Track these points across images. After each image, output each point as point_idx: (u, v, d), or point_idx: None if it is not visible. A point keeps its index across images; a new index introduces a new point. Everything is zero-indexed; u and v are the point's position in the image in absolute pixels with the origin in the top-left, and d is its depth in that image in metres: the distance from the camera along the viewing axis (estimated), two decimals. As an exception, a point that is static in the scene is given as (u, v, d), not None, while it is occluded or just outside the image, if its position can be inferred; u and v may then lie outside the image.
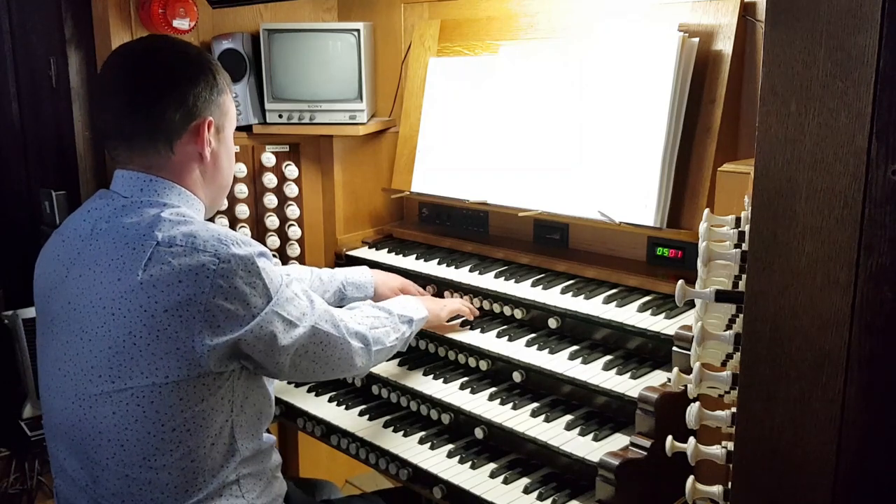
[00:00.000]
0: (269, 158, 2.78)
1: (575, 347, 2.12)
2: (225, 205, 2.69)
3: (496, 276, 2.37)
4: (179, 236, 1.54)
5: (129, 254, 1.53)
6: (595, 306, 2.12)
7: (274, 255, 2.18)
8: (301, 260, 2.85)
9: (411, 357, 2.34)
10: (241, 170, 2.74)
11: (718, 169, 1.87)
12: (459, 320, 2.33)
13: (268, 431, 1.80)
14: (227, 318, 1.53)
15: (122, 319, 1.51)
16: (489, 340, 2.22)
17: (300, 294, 1.70)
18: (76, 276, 1.59)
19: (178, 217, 1.59)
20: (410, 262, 2.57)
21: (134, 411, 1.53)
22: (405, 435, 2.16)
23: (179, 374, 1.52)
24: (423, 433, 2.15)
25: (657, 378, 1.93)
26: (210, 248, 1.53)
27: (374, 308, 2.06)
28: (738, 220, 1.52)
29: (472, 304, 2.36)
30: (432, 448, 2.09)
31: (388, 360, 2.19)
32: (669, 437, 1.37)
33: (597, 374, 1.98)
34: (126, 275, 1.52)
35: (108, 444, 1.56)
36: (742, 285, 1.16)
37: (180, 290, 1.50)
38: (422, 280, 2.48)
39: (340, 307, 2.03)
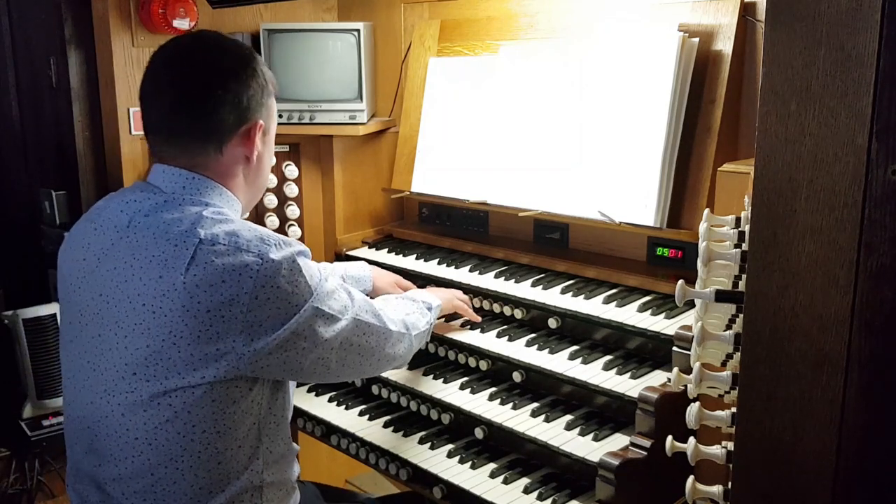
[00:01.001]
0: (269, 158, 2.78)
1: (575, 347, 2.12)
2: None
3: (496, 276, 2.37)
4: (222, 235, 1.52)
5: (171, 251, 1.51)
6: (595, 306, 2.12)
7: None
8: (301, 260, 2.85)
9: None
10: (242, 170, 2.74)
11: (718, 169, 1.87)
12: (460, 320, 2.33)
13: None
14: (270, 317, 1.52)
15: (163, 318, 1.49)
16: (489, 340, 2.22)
17: (339, 288, 1.70)
18: (109, 269, 1.57)
19: (220, 216, 1.57)
20: (410, 262, 2.57)
21: (166, 411, 1.52)
22: (405, 435, 2.16)
23: (216, 376, 1.51)
24: (423, 433, 2.15)
25: (657, 378, 1.93)
26: (253, 248, 1.51)
27: (398, 298, 2.08)
28: (738, 220, 1.52)
29: (471, 303, 2.35)
30: (432, 448, 2.09)
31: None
32: (669, 437, 1.37)
33: (597, 374, 1.98)
34: (168, 272, 1.49)
35: (136, 442, 1.55)
36: (742, 285, 1.16)
37: (223, 290, 1.48)
38: (422, 280, 2.48)
39: None
